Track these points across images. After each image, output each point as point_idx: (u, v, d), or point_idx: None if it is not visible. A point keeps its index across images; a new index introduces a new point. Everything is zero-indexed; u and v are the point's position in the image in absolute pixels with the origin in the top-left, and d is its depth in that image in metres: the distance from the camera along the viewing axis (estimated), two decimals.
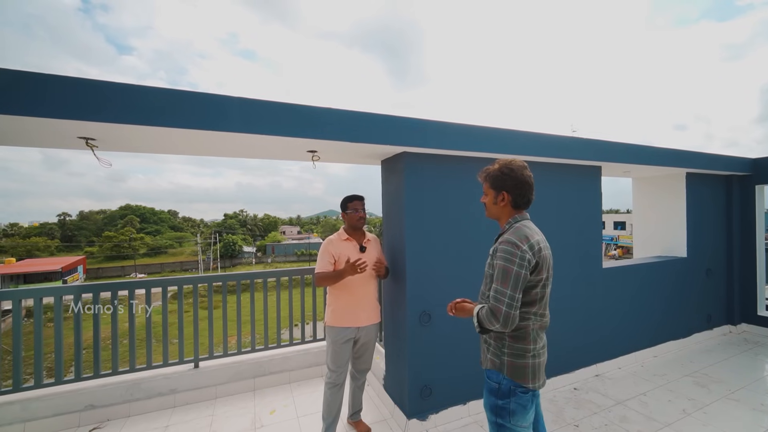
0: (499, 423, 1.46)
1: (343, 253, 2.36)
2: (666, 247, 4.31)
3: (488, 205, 1.61)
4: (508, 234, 1.47)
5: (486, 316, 1.41)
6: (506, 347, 1.48)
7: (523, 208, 1.56)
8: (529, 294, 1.44)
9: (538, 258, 1.42)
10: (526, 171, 1.53)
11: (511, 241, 1.42)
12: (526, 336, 1.46)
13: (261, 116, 1.99)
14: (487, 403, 1.52)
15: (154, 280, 2.94)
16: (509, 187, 1.51)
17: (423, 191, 2.56)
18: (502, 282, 1.39)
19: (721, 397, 2.92)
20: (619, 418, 2.64)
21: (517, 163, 1.53)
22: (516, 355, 1.46)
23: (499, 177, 1.53)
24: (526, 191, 1.52)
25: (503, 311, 1.36)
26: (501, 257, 1.42)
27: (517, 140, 2.75)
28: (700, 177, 4.21)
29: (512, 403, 1.44)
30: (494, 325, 1.39)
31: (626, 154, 3.38)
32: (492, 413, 1.50)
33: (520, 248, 1.40)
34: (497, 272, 1.42)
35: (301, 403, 2.89)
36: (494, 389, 1.49)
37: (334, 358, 2.34)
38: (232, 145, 2.32)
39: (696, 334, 4.14)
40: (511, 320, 1.37)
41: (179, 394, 2.87)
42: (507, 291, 1.37)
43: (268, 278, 3.39)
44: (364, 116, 2.26)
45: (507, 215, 1.56)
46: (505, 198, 1.53)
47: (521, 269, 1.38)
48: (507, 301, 1.36)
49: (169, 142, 2.17)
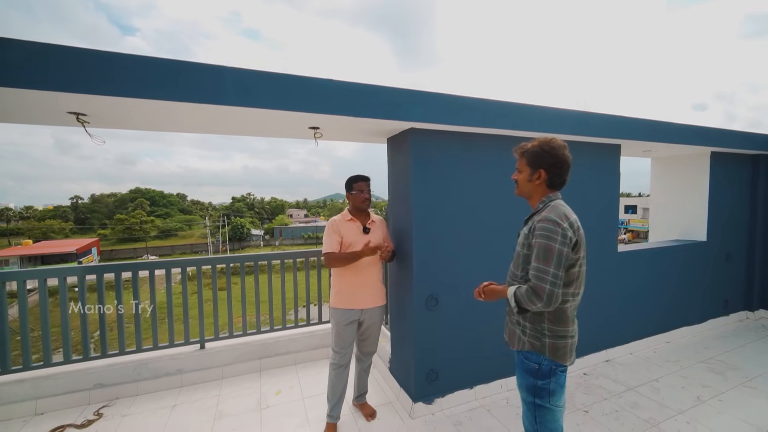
0: (538, 403, 1.48)
1: (347, 233, 2.28)
2: (685, 230, 4.13)
3: (521, 182, 1.57)
4: (546, 212, 1.44)
5: (526, 296, 1.38)
6: (546, 329, 1.46)
7: (557, 188, 1.54)
8: (568, 274, 1.42)
9: (577, 236, 1.41)
10: (566, 151, 1.49)
11: (551, 218, 1.39)
12: (566, 318, 1.46)
13: (258, 87, 1.85)
14: (524, 383, 1.52)
15: (159, 262, 2.93)
16: (548, 165, 1.48)
17: (431, 170, 2.42)
18: (544, 260, 1.35)
19: (738, 384, 2.83)
20: (630, 404, 2.57)
21: (558, 141, 1.49)
22: (557, 337, 1.45)
23: (538, 154, 1.49)
24: (563, 171, 1.50)
25: (547, 289, 1.32)
26: (541, 235, 1.38)
27: (533, 115, 2.57)
28: (725, 156, 3.97)
29: (552, 383, 1.45)
30: (536, 304, 1.35)
31: (649, 132, 3.17)
32: (530, 393, 1.50)
33: (561, 226, 1.37)
34: (538, 251, 1.38)
35: (306, 384, 2.88)
36: (533, 369, 1.48)
37: (337, 340, 2.30)
38: (229, 121, 2.20)
39: (711, 320, 4.02)
40: (555, 298, 1.34)
41: (186, 374, 2.88)
42: (550, 269, 1.33)
43: (274, 260, 3.34)
44: (370, 89, 2.10)
45: (540, 194, 1.54)
46: (542, 176, 1.50)
47: (563, 246, 1.35)
48: (550, 279, 1.33)
49: (161, 117, 2.06)
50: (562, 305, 1.44)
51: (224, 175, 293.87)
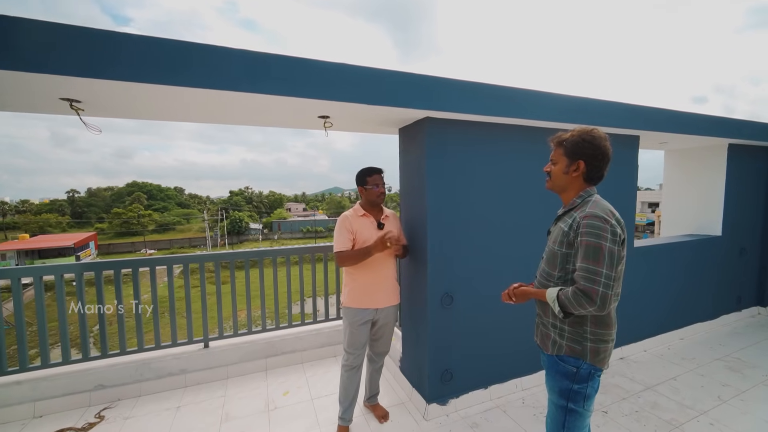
0: (571, 408, 1.39)
1: (360, 230, 2.16)
2: (699, 224, 4.04)
3: (556, 173, 1.46)
4: (590, 207, 1.32)
5: (573, 299, 1.27)
6: (589, 333, 1.37)
7: (594, 183, 1.44)
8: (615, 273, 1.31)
9: (624, 234, 1.32)
10: (607, 143, 1.40)
11: (598, 215, 1.29)
12: (610, 320, 1.38)
13: (268, 72, 1.72)
14: (557, 386, 1.43)
15: (158, 258, 2.81)
16: (588, 156, 1.38)
17: (446, 162, 2.30)
18: (594, 260, 1.24)
19: (758, 383, 2.76)
20: (649, 404, 2.50)
21: (600, 132, 1.40)
22: (600, 341, 1.37)
23: (578, 144, 1.39)
24: (603, 164, 1.40)
25: (600, 292, 1.22)
26: (589, 233, 1.27)
27: (554, 104, 2.44)
28: (743, 149, 3.85)
29: (589, 387, 1.38)
30: (586, 308, 1.25)
31: (669, 123, 3.05)
32: (562, 398, 1.41)
33: (610, 222, 1.27)
34: (585, 250, 1.27)
35: (314, 384, 2.79)
36: (571, 373, 1.39)
37: (351, 341, 2.20)
38: (236, 110, 2.07)
39: (724, 316, 3.95)
40: (608, 301, 1.23)
41: (190, 374, 2.79)
42: (602, 270, 1.23)
43: (278, 256, 3.23)
44: (385, 74, 1.97)
45: (577, 188, 1.44)
46: (580, 168, 1.40)
47: (614, 245, 1.26)
48: (603, 281, 1.22)
49: (163, 104, 1.92)
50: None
51: (222, 169, 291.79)
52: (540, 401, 2.53)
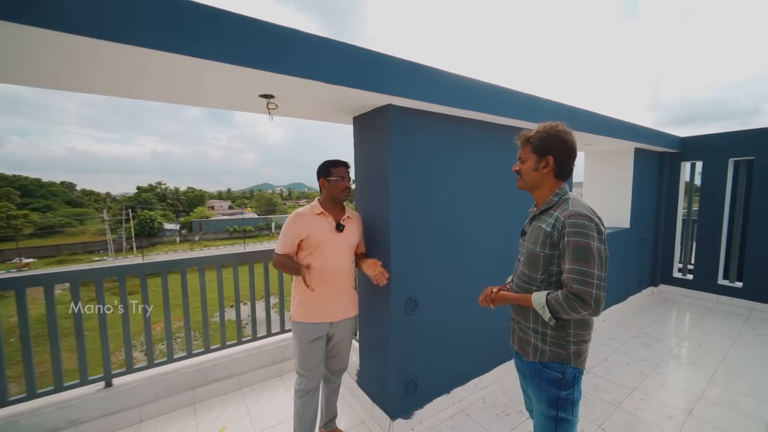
0: (561, 417, 1.31)
1: (314, 231, 1.84)
2: (612, 218, 4.59)
3: (526, 171, 1.41)
4: (573, 206, 1.26)
5: (565, 303, 1.20)
6: (572, 336, 1.32)
7: (564, 179, 1.40)
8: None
9: (605, 231, 1.29)
10: (572, 136, 1.37)
11: (583, 213, 1.24)
12: (590, 319, 1.35)
13: (196, 26, 1.29)
14: (544, 396, 1.34)
15: (28, 276, 2.07)
16: (556, 150, 1.35)
17: (411, 156, 2.10)
18: (584, 261, 1.19)
19: (665, 355, 3.19)
20: (592, 387, 2.67)
21: (564, 126, 1.38)
22: (581, 342, 1.33)
23: (545, 139, 1.35)
24: (571, 159, 1.38)
25: (593, 294, 1.17)
26: (576, 233, 1.22)
27: (513, 101, 2.43)
28: (644, 152, 4.49)
29: (575, 392, 1.34)
30: (580, 312, 1.19)
31: (598, 125, 3.33)
32: (552, 407, 1.33)
33: (594, 221, 1.24)
34: (574, 251, 1.21)
35: (258, 414, 2.38)
36: (557, 380, 1.32)
37: (303, 361, 1.88)
38: (152, 78, 1.56)
39: (630, 297, 4.57)
40: (602, 303, 1.20)
41: (83, 426, 2.13)
42: (593, 271, 1.19)
43: (205, 264, 2.68)
44: (342, 47, 1.67)
45: (550, 185, 1.39)
46: (549, 164, 1.36)
47: (601, 244, 1.23)
48: (596, 282, 1.18)
49: (48, 64, 1.34)
50: None
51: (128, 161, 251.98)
52: (499, 399, 2.53)
